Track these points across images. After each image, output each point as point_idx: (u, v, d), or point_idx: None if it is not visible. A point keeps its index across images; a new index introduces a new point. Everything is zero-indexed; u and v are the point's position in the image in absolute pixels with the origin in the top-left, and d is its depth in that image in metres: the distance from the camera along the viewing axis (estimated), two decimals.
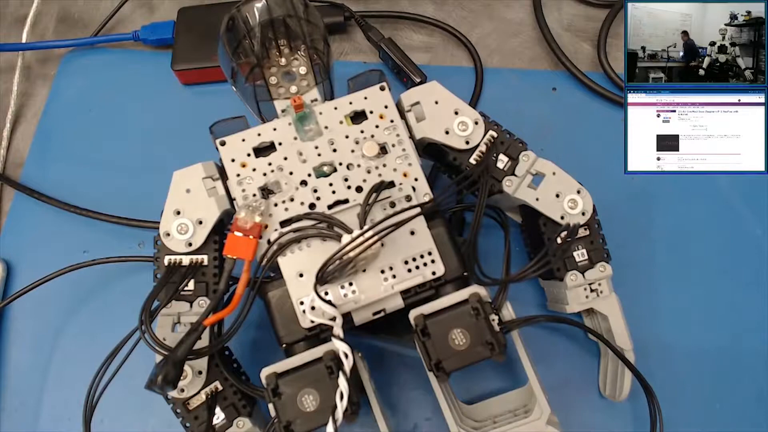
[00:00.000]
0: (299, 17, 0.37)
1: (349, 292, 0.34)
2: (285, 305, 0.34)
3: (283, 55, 0.39)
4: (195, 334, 0.32)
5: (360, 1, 0.54)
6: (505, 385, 0.41)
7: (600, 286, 0.38)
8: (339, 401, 0.31)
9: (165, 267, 0.36)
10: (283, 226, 0.35)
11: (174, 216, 0.36)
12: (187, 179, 0.36)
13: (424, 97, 0.37)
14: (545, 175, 0.38)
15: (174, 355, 0.32)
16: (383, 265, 0.34)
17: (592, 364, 0.42)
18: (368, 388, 0.35)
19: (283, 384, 0.32)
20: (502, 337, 0.34)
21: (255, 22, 0.37)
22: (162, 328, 0.36)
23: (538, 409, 0.35)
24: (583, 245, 0.38)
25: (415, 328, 0.33)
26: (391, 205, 0.35)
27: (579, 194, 0.38)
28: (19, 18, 0.57)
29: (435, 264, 0.34)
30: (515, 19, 0.54)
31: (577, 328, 0.41)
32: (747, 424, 0.41)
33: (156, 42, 0.53)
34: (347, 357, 0.31)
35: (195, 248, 0.36)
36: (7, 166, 0.52)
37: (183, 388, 0.35)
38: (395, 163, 0.36)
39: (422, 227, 0.35)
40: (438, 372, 0.33)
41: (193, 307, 0.36)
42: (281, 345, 0.35)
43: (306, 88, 0.38)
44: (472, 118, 0.38)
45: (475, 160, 0.38)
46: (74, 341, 0.45)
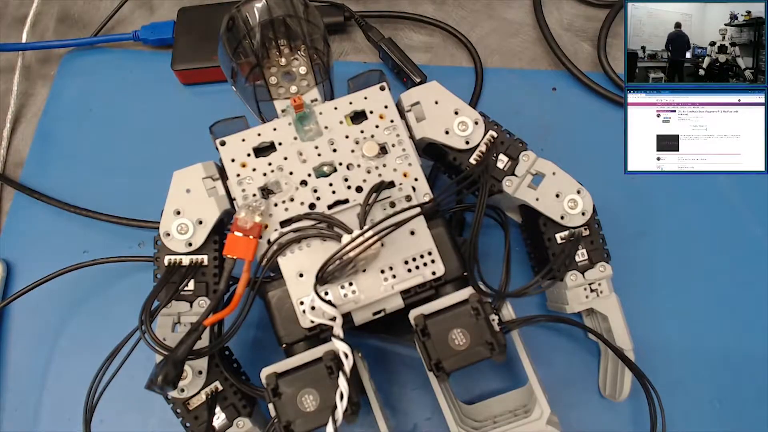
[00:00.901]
0: (299, 17, 0.37)
1: (349, 292, 0.34)
2: (285, 305, 0.34)
3: (283, 55, 0.39)
4: (195, 334, 0.32)
5: (360, 1, 0.54)
6: (505, 385, 0.41)
7: (600, 286, 0.38)
8: (339, 401, 0.31)
9: (165, 267, 0.36)
10: (283, 226, 0.35)
11: (174, 216, 0.36)
12: (187, 179, 0.36)
13: (424, 97, 0.37)
14: (545, 175, 0.38)
15: (174, 355, 0.32)
16: (383, 265, 0.34)
17: (592, 364, 0.42)
18: (368, 388, 0.35)
19: (283, 384, 0.32)
20: (502, 337, 0.34)
21: (255, 22, 0.37)
22: (162, 328, 0.36)
23: (538, 409, 0.35)
24: (583, 245, 0.38)
25: (415, 328, 0.33)
26: (391, 205, 0.35)
27: (579, 194, 0.38)
28: (19, 18, 0.57)
29: (435, 264, 0.34)
30: (515, 19, 0.54)
31: (577, 328, 0.41)
32: (747, 424, 0.41)
33: (156, 42, 0.53)
34: (347, 357, 0.31)
35: (195, 248, 0.36)
36: (7, 166, 0.52)
37: (183, 388, 0.35)
38: (395, 163, 0.36)
39: (422, 227, 0.35)
40: (438, 372, 0.33)
41: (193, 307, 0.36)
42: (281, 345, 0.35)
43: (306, 88, 0.38)
44: (472, 118, 0.38)
45: (475, 160, 0.38)
46: (74, 341, 0.45)
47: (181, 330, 0.36)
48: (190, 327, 0.33)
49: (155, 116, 0.51)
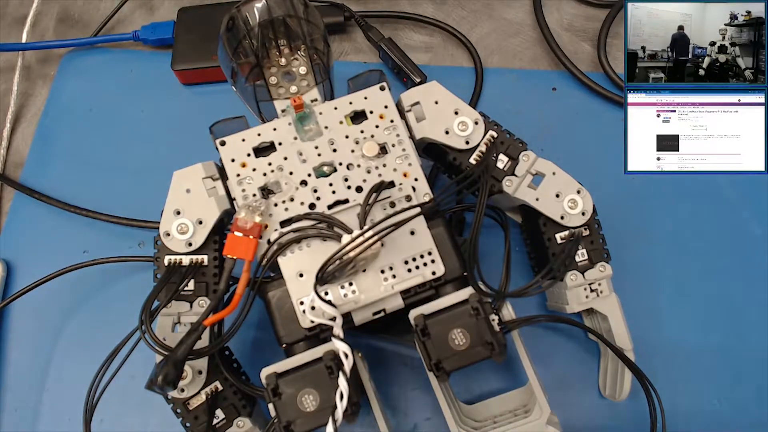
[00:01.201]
0: (299, 17, 0.37)
1: (349, 292, 0.34)
2: (285, 305, 0.34)
3: (283, 55, 0.39)
4: (195, 334, 0.32)
5: (360, 1, 0.54)
6: (505, 385, 0.41)
7: (600, 286, 0.38)
8: (339, 401, 0.31)
9: (165, 267, 0.36)
10: (283, 226, 0.35)
11: (174, 216, 0.36)
12: (187, 179, 0.36)
13: (423, 97, 0.37)
14: (545, 175, 0.38)
15: (174, 356, 0.32)
16: (383, 265, 0.34)
17: (592, 364, 0.42)
18: (368, 389, 0.35)
19: (283, 384, 0.32)
20: (502, 337, 0.34)
21: (255, 22, 0.37)
22: (162, 328, 0.36)
23: (538, 409, 0.35)
24: (583, 245, 0.38)
25: (415, 328, 0.33)
26: (391, 205, 0.35)
27: (579, 194, 0.38)
28: (19, 18, 0.57)
29: (435, 264, 0.34)
30: (515, 19, 0.54)
31: (577, 328, 0.41)
32: (747, 423, 0.41)
33: (156, 42, 0.53)
34: (347, 357, 0.31)
35: (195, 248, 0.36)
36: (7, 166, 0.52)
37: (183, 388, 0.35)
38: (395, 163, 0.36)
39: (422, 227, 0.35)
40: (438, 372, 0.33)
41: (193, 307, 0.36)
42: (281, 345, 0.35)
43: (306, 88, 0.38)
44: (472, 118, 0.38)
45: (475, 160, 0.38)
46: (74, 341, 0.45)
47: (181, 330, 0.36)
48: (191, 327, 0.33)
49: (155, 116, 0.51)
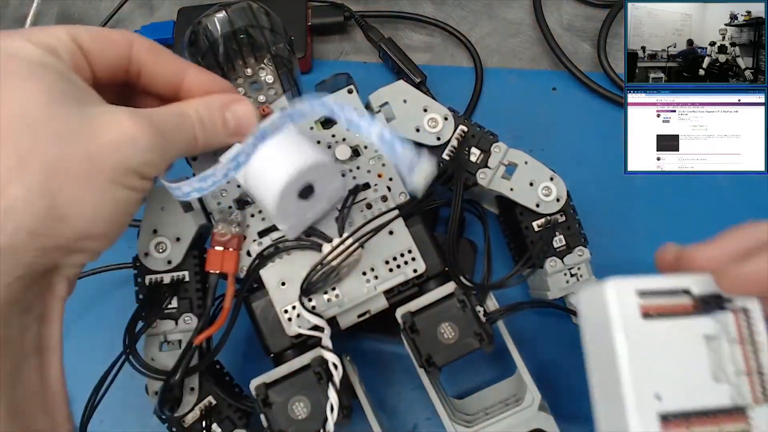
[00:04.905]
0: (261, 27, 0.37)
1: (333, 296, 0.34)
2: (270, 315, 0.34)
3: (248, 66, 0.39)
4: (188, 354, 0.33)
5: (360, 1, 0.54)
6: (493, 376, 0.41)
7: (579, 270, 0.39)
8: (330, 413, 0.31)
9: (146, 287, 0.36)
10: (261, 237, 0.35)
11: (151, 235, 0.36)
12: (161, 197, 0.36)
13: (392, 97, 0.38)
14: (518, 164, 0.38)
15: (173, 380, 0.33)
16: (365, 267, 0.34)
17: (579, 348, 0.42)
18: (359, 391, 0.36)
19: (273, 393, 0.32)
20: (489, 327, 0.34)
21: (218, 35, 0.37)
22: (149, 347, 0.35)
23: (529, 396, 0.35)
24: (560, 231, 0.39)
25: (403, 326, 0.33)
26: (367, 206, 0.35)
27: (552, 181, 0.38)
28: (19, 18, 0.56)
29: (416, 261, 0.35)
30: (515, 19, 0.53)
31: (563, 314, 0.42)
32: None
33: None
34: (336, 368, 0.32)
35: (175, 265, 0.36)
36: None
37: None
38: (369, 164, 0.36)
39: (400, 227, 0.35)
40: (429, 367, 0.33)
41: (179, 324, 0.36)
42: (268, 354, 0.35)
43: (274, 96, 0.38)
44: (442, 114, 0.38)
45: (448, 155, 0.38)
46: (74, 341, 0.44)
47: (168, 348, 0.36)
48: (184, 347, 0.33)
49: None
